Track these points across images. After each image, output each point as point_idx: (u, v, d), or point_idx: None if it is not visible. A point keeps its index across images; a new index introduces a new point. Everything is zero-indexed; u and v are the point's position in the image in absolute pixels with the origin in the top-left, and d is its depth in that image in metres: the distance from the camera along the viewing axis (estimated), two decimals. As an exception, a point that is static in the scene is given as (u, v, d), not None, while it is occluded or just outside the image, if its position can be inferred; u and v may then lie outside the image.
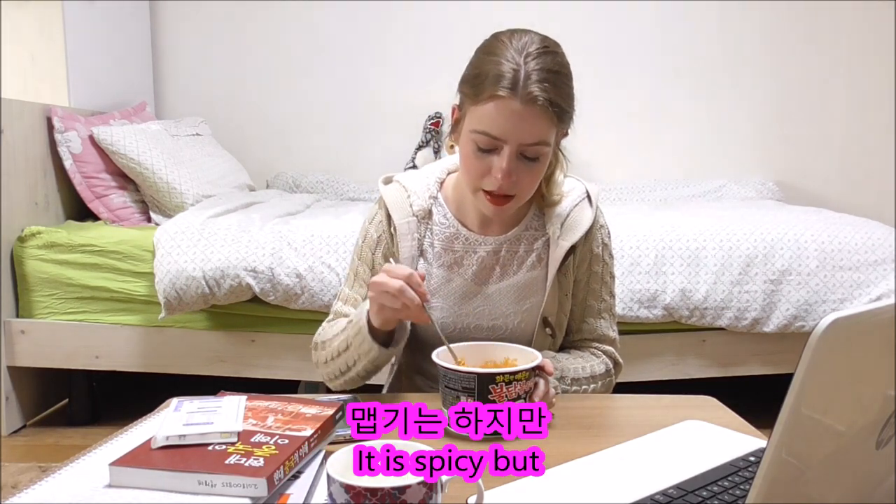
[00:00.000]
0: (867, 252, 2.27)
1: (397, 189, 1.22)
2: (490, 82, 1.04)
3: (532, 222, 1.21)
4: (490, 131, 1.05)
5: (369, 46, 3.43)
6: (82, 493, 0.74)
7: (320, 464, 0.81)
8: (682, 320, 2.28)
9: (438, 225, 1.20)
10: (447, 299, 1.18)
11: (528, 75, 1.03)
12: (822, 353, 0.52)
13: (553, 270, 1.17)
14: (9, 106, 2.37)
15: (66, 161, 2.57)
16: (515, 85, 1.03)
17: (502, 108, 1.03)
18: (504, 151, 1.05)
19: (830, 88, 3.38)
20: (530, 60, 1.04)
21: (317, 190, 3.28)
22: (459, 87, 1.12)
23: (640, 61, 3.40)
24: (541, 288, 1.18)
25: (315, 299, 2.25)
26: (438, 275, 1.19)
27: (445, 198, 1.22)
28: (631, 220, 2.42)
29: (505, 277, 1.19)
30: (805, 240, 2.29)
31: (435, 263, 1.19)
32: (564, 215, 1.19)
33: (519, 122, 1.04)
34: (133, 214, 2.66)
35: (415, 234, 1.19)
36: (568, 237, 1.17)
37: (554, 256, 1.17)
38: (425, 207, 1.20)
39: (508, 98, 1.03)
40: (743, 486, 0.78)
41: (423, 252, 1.20)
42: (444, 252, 1.19)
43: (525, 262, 1.19)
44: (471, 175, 1.10)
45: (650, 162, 3.44)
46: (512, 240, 1.19)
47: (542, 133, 1.05)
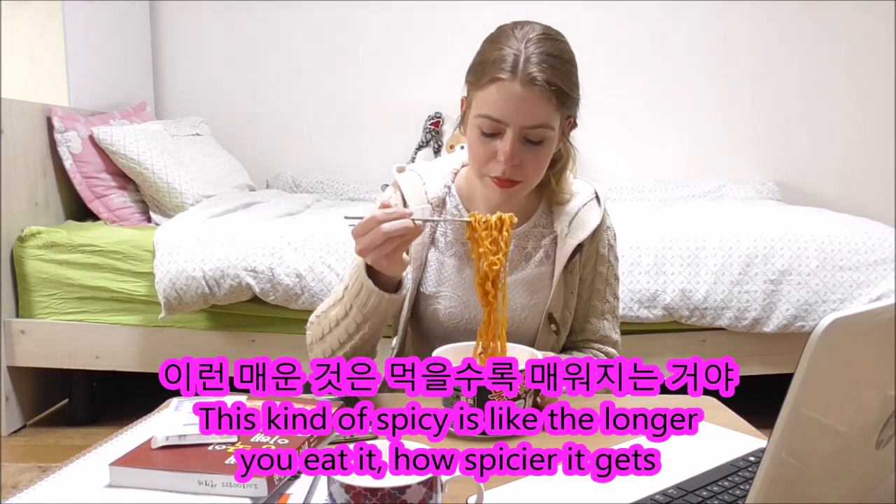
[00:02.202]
0: (867, 252, 2.27)
1: (412, 177, 1.23)
2: (491, 66, 1.05)
3: (541, 220, 1.22)
4: (492, 114, 1.06)
5: (369, 46, 3.43)
6: (82, 493, 0.74)
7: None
8: (682, 320, 2.28)
9: (451, 215, 1.21)
10: (457, 289, 1.19)
11: (528, 58, 1.04)
12: (822, 353, 0.52)
13: (560, 267, 1.18)
14: (9, 106, 2.37)
15: (66, 161, 2.57)
16: (515, 67, 1.04)
17: (502, 90, 1.04)
18: (507, 135, 1.06)
19: (830, 88, 3.38)
20: (531, 45, 1.05)
21: (317, 190, 3.28)
22: (466, 77, 1.13)
23: (641, 62, 3.40)
24: (547, 285, 1.19)
25: (315, 299, 2.25)
26: (450, 264, 1.20)
27: (458, 189, 1.23)
28: (631, 220, 2.42)
29: (513, 272, 1.19)
30: (805, 240, 2.28)
31: (447, 253, 1.21)
32: (573, 214, 1.20)
33: (519, 103, 1.04)
34: (133, 214, 2.66)
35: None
36: (575, 235, 1.18)
37: (561, 254, 1.18)
38: (440, 196, 1.21)
39: (508, 80, 1.04)
40: (743, 486, 0.78)
41: (434, 241, 1.21)
42: (456, 242, 1.20)
43: (533, 259, 1.20)
44: (477, 161, 1.11)
45: (650, 162, 3.44)
46: (521, 236, 1.20)
47: (544, 115, 1.06)
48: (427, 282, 1.20)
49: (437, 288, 1.20)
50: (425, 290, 1.20)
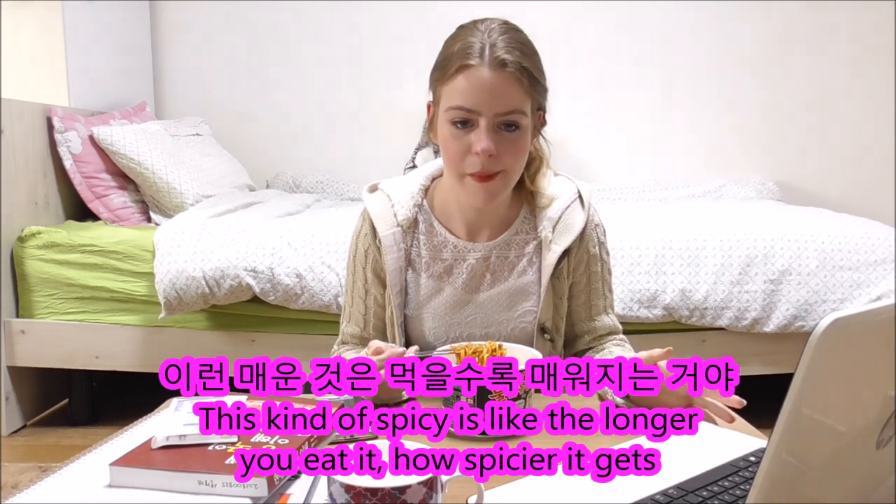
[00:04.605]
0: (867, 252, 2.27)
1: (381, 199, 1.20)
2: (457, 56, 1.05)
3: (523, 226, 1.19)
4: (463, 104, 1.04)
5: (369, 46, 3.43)
6: (82, 493, 0.74)
7: (320, 464, 0.81)
8: (682, 320, 2.27)
9: (425, 234, 1.18)
10: (438, 309, 1.17)
11: (495, 43, 1.04)
12: (822, 353, 0.52)
13: (547, 276, 1.15)
14: (9, 106, 2.37)
15: (66, 161, 2.57)
16: (483, 52, 1.04)
17: (472, 78, 1.03)
18: (481, 125, 1.04)
19: (831, 88, 3.38)
20: (494, 34, 1.06)
21: (317, 190, 3.28)
22: (431, 76, 1.11)
23: (641, 61, 3.40)
24: (534, 293, 1.17)
25: (315, 299, 2.25)
26: (428, 285, 1.17)
27: (431, 205, 1.20)
28: (631, 220, 2.42)
29: (496, 284, 1.17)
30: (805, 240, 2.28)
31: (424, 273, 1.18)
32: (556, 218, 1.16)
33: (490, 89, 1.03)
34: (133, 214, 2.66)
35: (400, 244, 1.17)
36: (560, 241, 1.15)
37: (547, 261, 1.15)
38: (410, 217, 1.17)
39: (477, 66, 1.03)
40: (743, 486, 0.78)
41: (410, 262, 1.18)
42: (433, 261, 1.17)
43: (516, 267, 1.17)
44: (452, 159, 1.08)
45: (650, 162, 3.44)
46: (502, 245, 1.17)
47: (516, 100, 1.05)
48: (409, 304, 1.18)
49: (418, 311, 1.18)
50: (409, 312, 1.18)
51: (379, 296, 1.21)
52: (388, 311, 1.19)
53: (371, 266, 1.20)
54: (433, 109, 1.12)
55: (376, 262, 1.19)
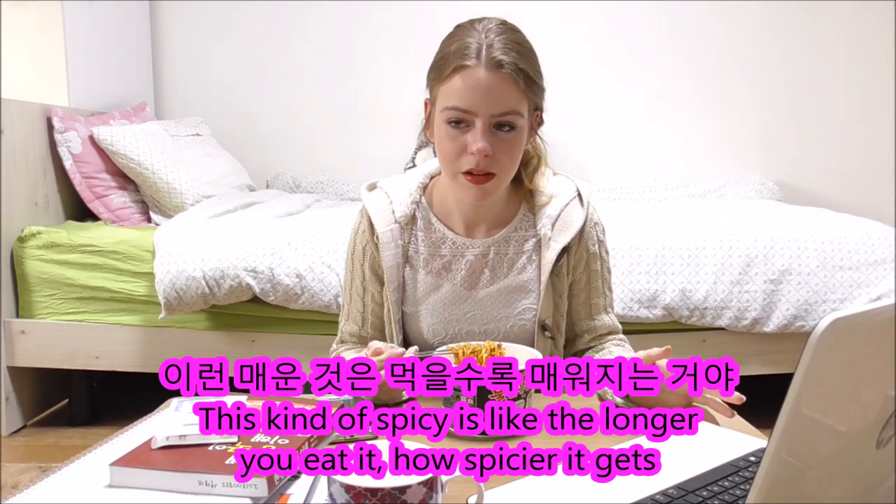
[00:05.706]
0: (867, 252, 2.27)
1: (380, 196, 1.21)
2: (454, 57, 1.05)
3: (522, 223, 1.19)
4: (459, 104, 1.04)
5: (369, 46, 3.43)
6: (82, 493, 0.74)
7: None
8: (682, 320, 2.27)
9: (423, 230, 1.19)
10: (436, 305, 1.17)
11: (492, 44, 1.04)
12: (822, 353, 0.52)
13: (546, 273, 1.15)
14: (9, 106, 2.37)
15: (66, 161, 2.57)
16: (479, 53, 1.04)
17: (468, 78, 1.03)
18: (476, 125, 1.04)
19: (830, 88, 3.38)
20: (491, 34, 1.05)
21: (317, 190, 3.28)
22: (427, 76, 1.11)
23: (641, 61, 3.40)
24: (533, 290, 1.17)
25: (315, 299, 2.25)
26: (426, 281, 1.18)
27: (429, 202, 1.20)
28: (631, 220, 2.42)
29: (495, 281, 1.17)
30: (805, 240, 2.28)
31: (422, 270, 1.18)
32: (555, 216, 1.17)
33: (487, 90, 1.03)
34: (133, 214, 2.66)
35: (398, 241, 1.17)
36: (559, 238, 1.16)
37: (546, 259, 1.16)
38: (408, 213, 1.18)
39: (473, 67, 1.03)
40: (743, 486, 0.78)
41: (408, 259, 1.19)
42: (432, 258, 1.18)
43: (515, 265, 1.17)
44: (448, 158, 1.08)
45: (650, 162, 3.44)
46: (500, 242, 1.18)
47: (512, 101, 1.05)
48: (407, 301, 1.19)
49: (416, 307, 1.18)
50: (407, 309, 1.19)
51: (377, 293, 1.21)
52: (386, 308, 1.19)
53: (369, 263, 1.20)
54: (429, 108, 1.12)
55: (374, 258, 1.20)
